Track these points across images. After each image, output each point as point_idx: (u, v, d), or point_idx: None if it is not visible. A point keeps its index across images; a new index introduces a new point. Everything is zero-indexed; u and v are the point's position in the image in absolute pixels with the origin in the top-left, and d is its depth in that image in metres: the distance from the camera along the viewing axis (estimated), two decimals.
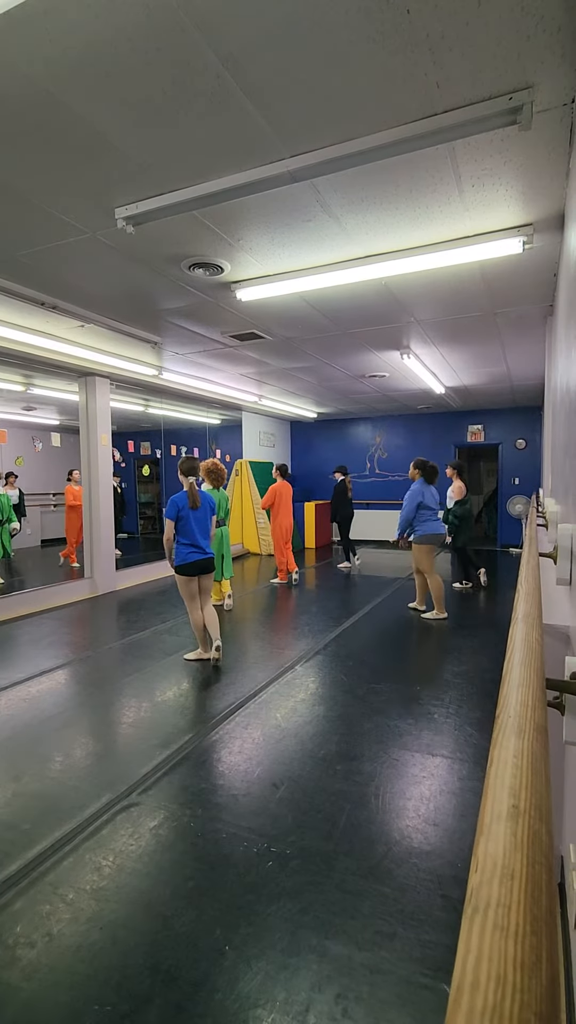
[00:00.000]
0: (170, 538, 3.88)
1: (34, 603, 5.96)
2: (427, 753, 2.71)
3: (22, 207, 2.83)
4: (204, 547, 3.94)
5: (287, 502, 7.12)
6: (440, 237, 3.23)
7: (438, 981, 1.47)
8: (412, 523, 5.35)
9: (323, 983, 1.47)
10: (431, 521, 5.32)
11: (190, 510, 3.87)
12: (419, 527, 5.31)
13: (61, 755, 2.74)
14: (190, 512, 3.87)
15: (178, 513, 3.84)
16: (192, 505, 3.86)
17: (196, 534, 3.89)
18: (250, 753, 2.73)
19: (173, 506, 3.84)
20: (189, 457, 4.04)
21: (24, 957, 1.57)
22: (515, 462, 10.33)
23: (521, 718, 0.60)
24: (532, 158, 2.42)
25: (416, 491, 5.32)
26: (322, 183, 2.63)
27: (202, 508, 3.95)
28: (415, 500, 5.29)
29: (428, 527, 5.30)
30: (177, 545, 3.89)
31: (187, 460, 4.00)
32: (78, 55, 1.82)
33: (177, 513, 3.84)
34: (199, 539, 3.90)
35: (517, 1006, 0.28)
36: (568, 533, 1.44)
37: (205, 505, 3.98)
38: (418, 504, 5.28)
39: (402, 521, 5.40)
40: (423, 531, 5.29)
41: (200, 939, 1.62)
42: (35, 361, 5.68)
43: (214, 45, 1.79)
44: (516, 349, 5.93)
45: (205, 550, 3.94)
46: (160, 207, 2.71)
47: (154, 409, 8.97)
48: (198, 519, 3.91)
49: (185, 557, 3.86)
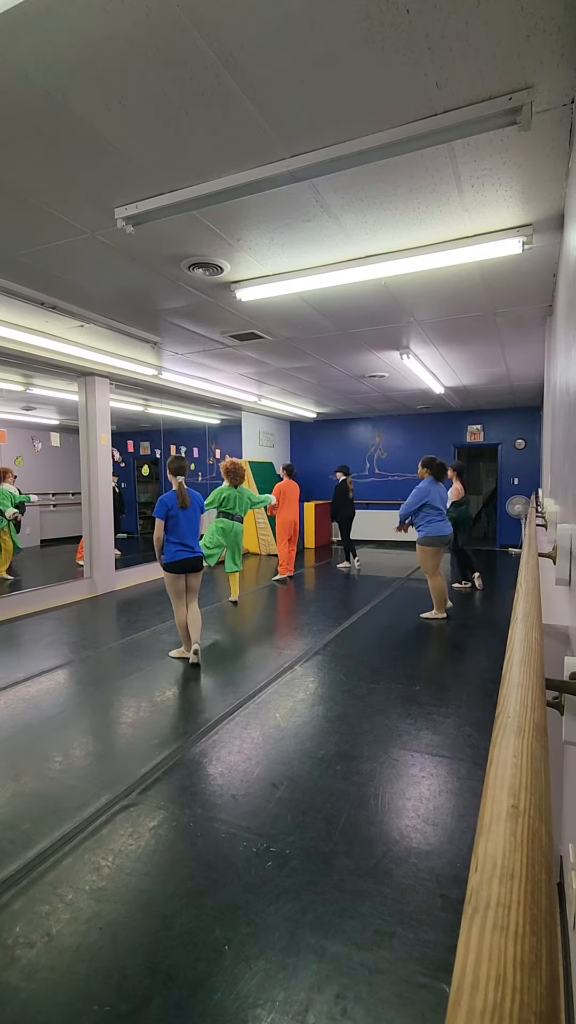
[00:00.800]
0: (160, 536, 3.92)
1: (34, 603, 5.96)
2: (426, 753, 2.71)
3: (21, 207, 2.83)
4: (193, 546, 4.00)
5: (293, 500, 7.29)
6: (439, 237, 3.23)
7: (437, 981, 1.47)
8: (413, 517, 5.28)
9: (322, 983, 1.47)
10: (436, 522, 5.21)
11: (180, 509, 3.92)
12: (424, 528, 5.23)
13: (61, 755, 2.74)
14: (179, 511, 3.92)
15: (167, 512, 3.89)
16: (181, 504, 3.91)
17: (185, 533, 3.94)
18: (249, 753, 2.73)
19: (163, 506, 3.90)
20: (178, 457, 4.10)
21: (23, 957, 1.57)
22: (514, 462, 10.34)
23: (521, 718, 0.60)
24: (531, 158, 2.42)
25: (423, 489, 5.24)
26: (322, 183, 2.63)
27: (191, 507, 4.00)
28: (420, 496, 5.22)
29: (433, 528, 5.20)
30: (166, 543, 3.94)
31: (176, 460, 4.06)
32: (77, 55, 1.82)
33: (167, 512, 3.89)
34: (187, 538, 3.96)
35: (517, 1006, 0.28)
36: (567, 533, 1.44)
37: (195, 504, 4.04)
38: (424, 503, 5.21)
39: (402, 511, 5.37)
40: (427, 532, 5.20)
41: (199, 939, 1.62)
42: (35, 361, 5.68)
43: (213, 45, 1.79)
44: (515, 349, 5.93)
45: (193, 549, 4.00)
46: (160, 207, 2.71)
47: (153, 409, 8.96)
48: (187, 518, 3.96)
49: (173, 555, 3.91)
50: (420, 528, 5.26)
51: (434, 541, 5.21)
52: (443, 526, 5.23)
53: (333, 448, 11.83)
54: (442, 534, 5.20)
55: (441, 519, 5.24)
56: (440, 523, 5.22)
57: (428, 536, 5.20)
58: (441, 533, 5.20)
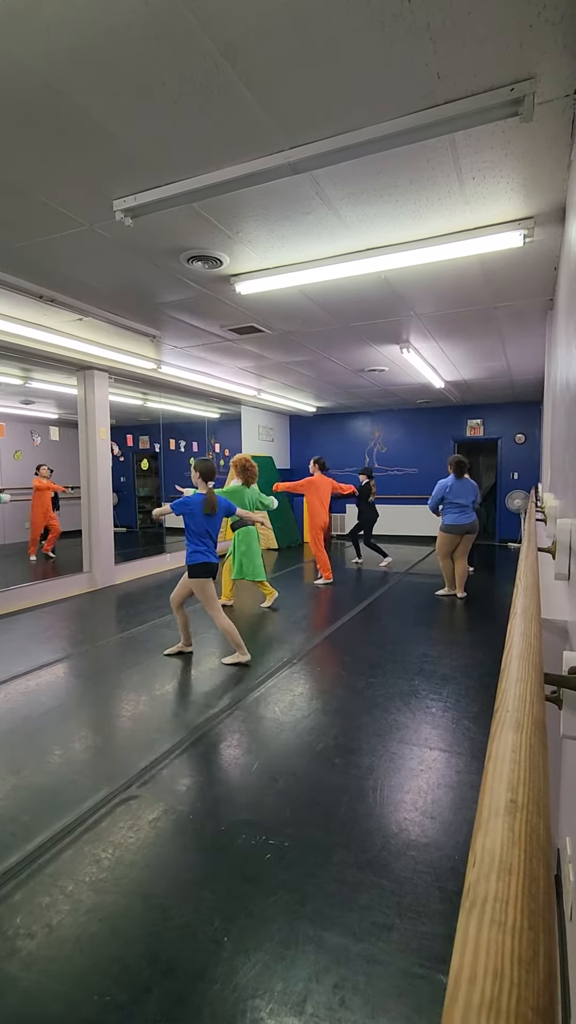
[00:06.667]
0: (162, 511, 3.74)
1: (33, 597, 5.96)
2: (425, 747, 2.72)
3: (19, 199, 2.81)
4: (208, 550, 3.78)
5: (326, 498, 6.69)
6: (440, 230, 3.21)
7: (435, 972, 1.48)
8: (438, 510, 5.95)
9: (321, 974, 1.48)
10: (451, 513, 5.82)
11: (204, 515, 3.73)
12: (444, 518, 5.89)
13: (60, 748, 2.75)
14: (202, 516, 3.73)
15: (184, 511, 3.72)
16: (209, 511, 3.71)
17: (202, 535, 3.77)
18: (248, 746, 2.74)
19: (184, 506, 3.71)
20: (204, 460, 3.85)
21: (24, 948, 1.58)
22: (514, 457, 10.32)
23: (519, 712, 0.60)
24: (533, 150, 2.40)
25: (442, 484, 5.87)
26: (322, 175, 2.60)
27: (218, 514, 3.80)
28: (437, 490, 5.88)
29: (447, 518, 5.84)
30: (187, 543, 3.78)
31: (203, 462, 3.82)
32: (76, 44, 1.80)
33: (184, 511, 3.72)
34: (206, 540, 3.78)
35: (514, 1000, 0.28)
36: (567, 528, 1.44)
37: (221, 510, 3.84)
38: (443, 497, 5.83)
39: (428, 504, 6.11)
40: (446, 522, 5.86)
41: (199, 930, 1.63)
42: (33, 354, 5.65)
43: (212, 34, 1.77)
44: (516, 343, 5.91)
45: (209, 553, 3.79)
46: (158, 199, 2.69)
47: (153, 403, 8.94)
48: (211, 523, 3.78)
49: (193, 558, 3.76)
50: (443, 518, 5.91)
51: (448, 530, 5.82)
52: (458, 517, 5.78)
53: (333, 442, 11.80)
54: (456, 524, 5.78)
55: (459, 511, 5.80)
56: (456, 515, 5.79)
57: (446, 525, 5.85)
58: (456, 523, 5.78)
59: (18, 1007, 1.41)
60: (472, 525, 5.82)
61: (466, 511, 5.80)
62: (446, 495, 5.79)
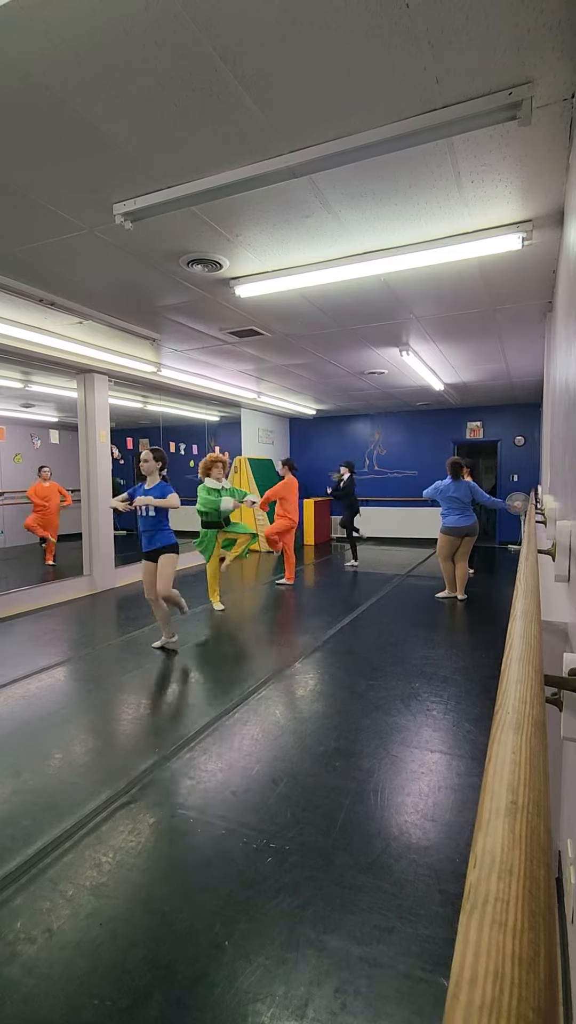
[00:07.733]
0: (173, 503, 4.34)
1: (33, 600, 5.96)
2: (426, 749, 2.72)
3: (19, 203, 2.82)
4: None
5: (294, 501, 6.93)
6: (439, 233, 3.22)
7: (436, 975, 1.48)
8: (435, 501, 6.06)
9: (322, 977, 1.47)
10: (451, 515, 5.85)
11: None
12: (443, 520, 5.95)
13: (61, 752, 2.74)
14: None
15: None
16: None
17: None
18: (249, 750, 2.74)
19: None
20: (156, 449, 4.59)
21: (24, 952, 1.57)
22: (514, 459, 10.33)
23: (519, 714, 0.60)
24: (531, 154, 2.41)
25: (436, 486, 5.99)
26: (321, 179, 2.61)
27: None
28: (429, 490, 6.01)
29: (447, 520, 5.88)
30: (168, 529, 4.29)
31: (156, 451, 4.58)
32: (75, 49, 1.81)
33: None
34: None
35: (515, 1001, 0.28)
36: (567, 530, 1.44)
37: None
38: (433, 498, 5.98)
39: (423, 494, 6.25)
40: (444, 524, 5.91)
41: (199, 934, 1.63)
42: (33, 358, 5.66)
43: (212, 38, 1.78)
44: (515, 346, 5.92)
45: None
46: (158, 203, 2.70)
47: (153, 406, 8.94)
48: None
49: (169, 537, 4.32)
50: (443, 520, 5.96)
51: (447, 531, 5.87)
52: (456, 519, 5.82)
53: (332, 445, 11.81)
54: (455, 526, 5.81)
55: (457, 513, 5.83)
56: (454, 516, 5.83)
57: (444, 527, 5.92)
58: (454, 525, 5.82)
59: (19, 1012, 1.41)
60: (472, 527, 5.87)
61: (466, 513, 5.84)
62: (437, 496, 5.92)
